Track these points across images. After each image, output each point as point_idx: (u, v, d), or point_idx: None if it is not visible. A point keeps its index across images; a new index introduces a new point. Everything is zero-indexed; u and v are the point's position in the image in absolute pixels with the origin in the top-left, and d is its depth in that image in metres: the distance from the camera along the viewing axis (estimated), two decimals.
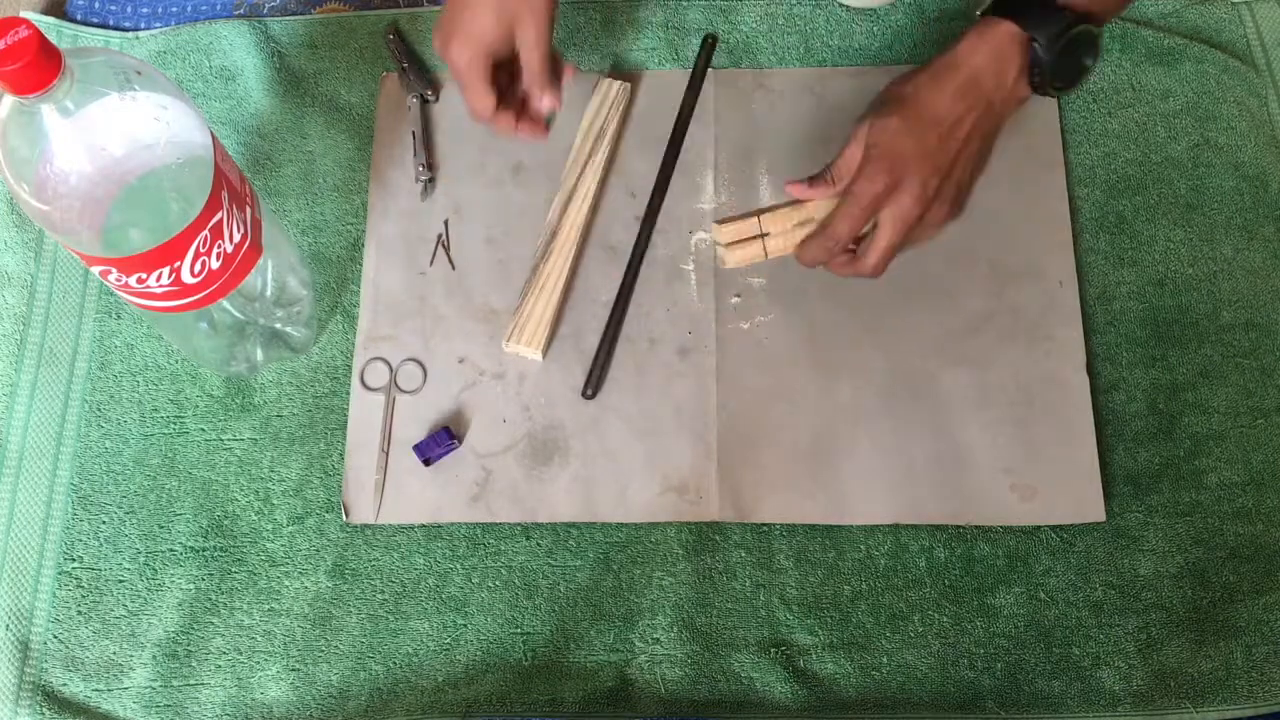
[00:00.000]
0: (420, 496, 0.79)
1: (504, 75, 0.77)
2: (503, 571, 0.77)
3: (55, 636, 0.77)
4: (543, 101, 0.78)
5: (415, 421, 0.81)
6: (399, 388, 0.82)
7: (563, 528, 0.78)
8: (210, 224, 0.66)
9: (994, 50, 0.70)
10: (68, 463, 0.81)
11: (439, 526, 0.79)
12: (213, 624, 0.77)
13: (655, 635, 0.75)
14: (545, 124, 0.80)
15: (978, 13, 0.73)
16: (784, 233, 0.81)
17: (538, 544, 0.78)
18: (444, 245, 0.86)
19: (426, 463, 0.79)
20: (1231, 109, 0.87)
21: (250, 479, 0.80)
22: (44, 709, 0.75)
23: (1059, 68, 0.70)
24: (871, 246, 0.73)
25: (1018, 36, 0.70)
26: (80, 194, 0.60)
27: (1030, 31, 0.69)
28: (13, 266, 0.86)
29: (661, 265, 0.85)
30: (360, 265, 0.86)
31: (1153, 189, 0.85)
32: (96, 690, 0.76)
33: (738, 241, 0.81)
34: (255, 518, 0.79)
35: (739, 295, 0.83)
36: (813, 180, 0.77)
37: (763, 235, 0.81)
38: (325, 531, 0.79)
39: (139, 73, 0.61)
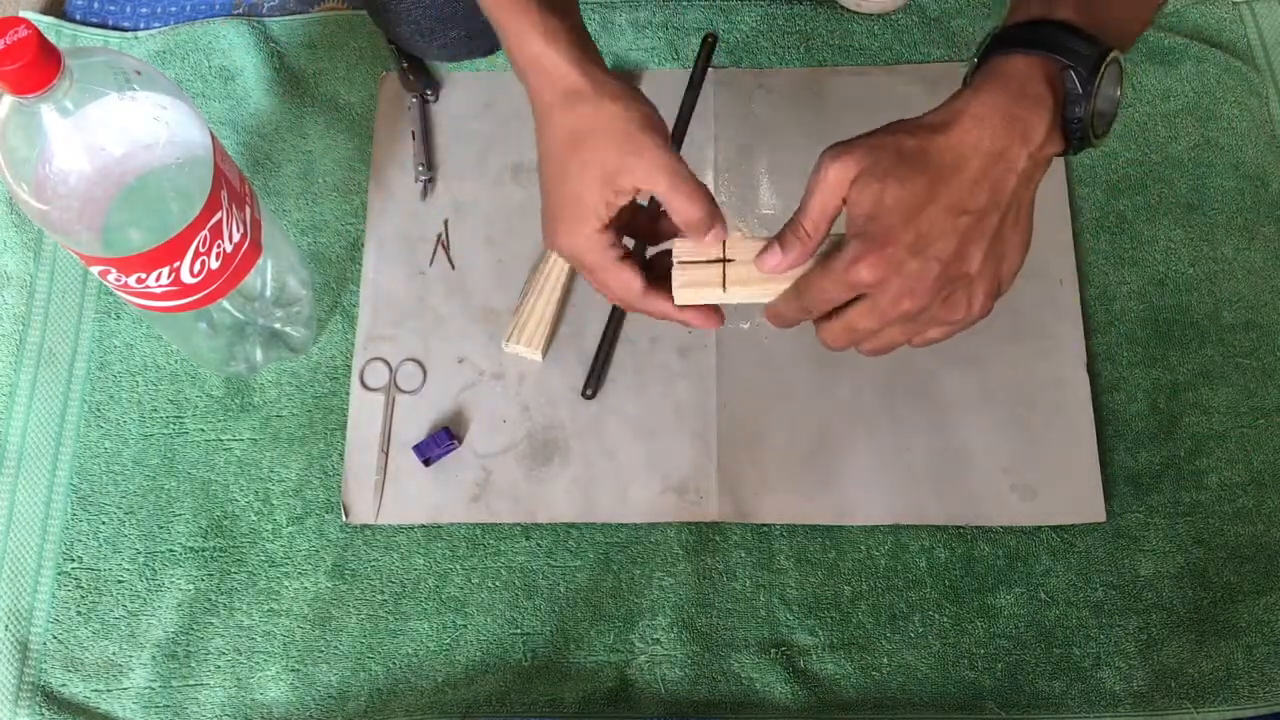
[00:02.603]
0: (420, 497, 0.79)
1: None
2: (503, 572, 0.77)
3: (55, 637, 0.77)
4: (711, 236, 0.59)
5: (415, 421, 0.81)
6: (399, 388, 0.82)
7: (563, 528, 0.78)
8: (210, 224, 0.66)
9: (1017, 94, 0.53)
10: (67, 463, 0.81)
11: (439, 527, 0.79)
12: (212, 624, 0.77)
13: (655, 636, 0.75)
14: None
15: (973, 54, 0.57)
16: (748, 263, 0.60)
17: (538, 544, 0.78)
18: (444, 245, 0.86)
19: (426, 463, 0.79)
20: (1232, 109, 0.87)
21: (250, 479, 0.80)
22: (43, 709, 0.75)
23: (1100, 108, 0.54)
24: (837, 317, 0.57)
25: (1045, 73, 0.53)
26: (79, 194, 0.60)
27: (1070, 61, 0.53)
28: (12, 266, 0.86)
29: None
30: (360, 265, 0.86)
31: (1153, 189, 0.85)
32: (96, 691, 0.75)
33: (693, 262, 0.61)
34: (255, 518, 0.79)
35: None
36: (784, 242, 0.57)
37: (725, 260, 0.61)
38: (325, 532, 0.79)
39: (138, 72, 0.61)
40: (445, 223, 0.86)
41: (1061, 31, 0.53)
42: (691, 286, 0.60)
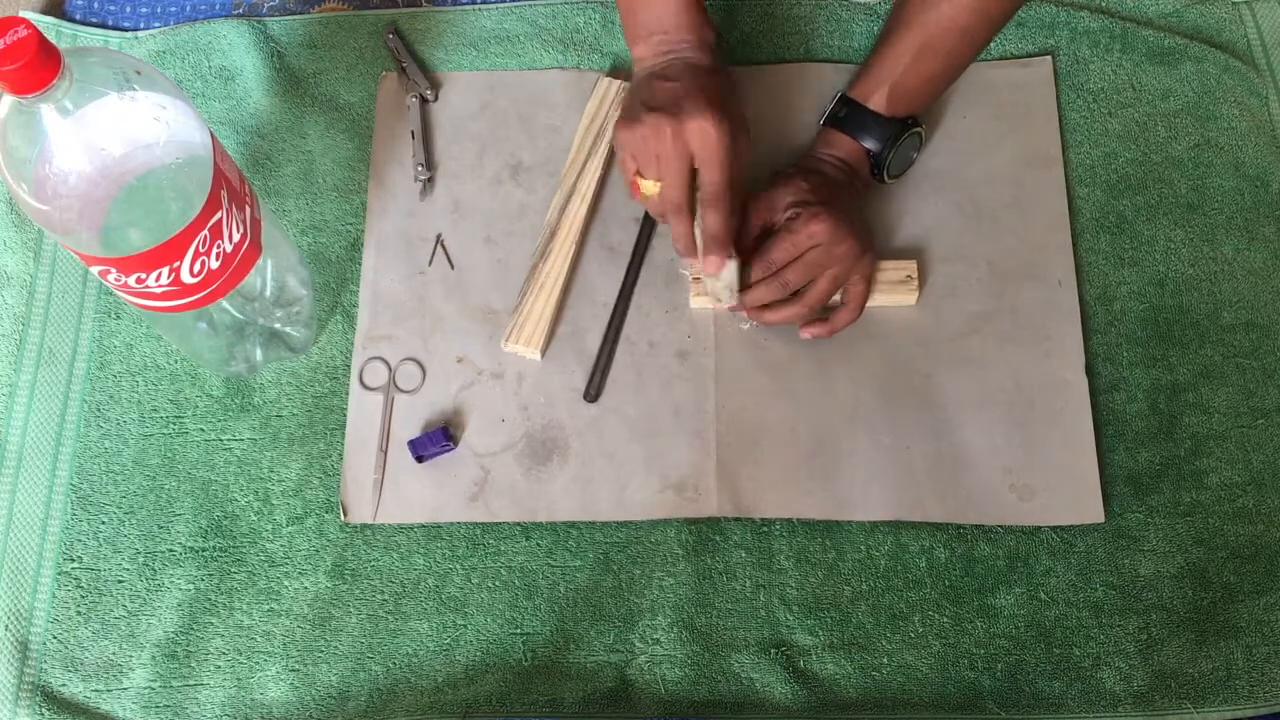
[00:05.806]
0: (419, 496, 0.79)
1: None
2: (503, 571, 0.77)
3: (55, 637, 0.77)
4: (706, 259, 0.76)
5: (414, 421, 0.81)
6: (398, 387, 0.82)
7: (562, 528, 0.78)
8: (210, 224, 0.66)
9: (845, 152, 0.81)
10: (67, 463, 0.81)
11: (438, 526, 0.79)
12: (212, 624, 0.77)
13: (655, 636, 0.75)
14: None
15: (829, 108, 0.81)
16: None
17: (537, 544, 0.78)
18: (443, 245, 0.86)
19: (420, 460, 0.79)
20: (1232, 109, 0.87)
21: (250, 479, 0.80)
22: (43, 709, 0.75)
23: (892, 165, 0.82)
24: (783, 272, 0.77)
25: (856, 148, 0.80)
26: (79, 194, 0.60)
27: (862, 143, 0.80)
28: (12, 266, 0.86)
29: (661, 268, 0.85)
30: (359, 265, 0.86)
31: (1153, 189, 0.85)
32: (96, 691, 0.76)
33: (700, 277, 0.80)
34: (255, 518, 0.79)
35: None
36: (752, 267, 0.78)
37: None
38: (325, 532, 0.79)
39: (138, 72, 0.61)
40: (445, 223, 0.86)
41: (870, 118, 0.79)
42: (703, 295, 0.81)
